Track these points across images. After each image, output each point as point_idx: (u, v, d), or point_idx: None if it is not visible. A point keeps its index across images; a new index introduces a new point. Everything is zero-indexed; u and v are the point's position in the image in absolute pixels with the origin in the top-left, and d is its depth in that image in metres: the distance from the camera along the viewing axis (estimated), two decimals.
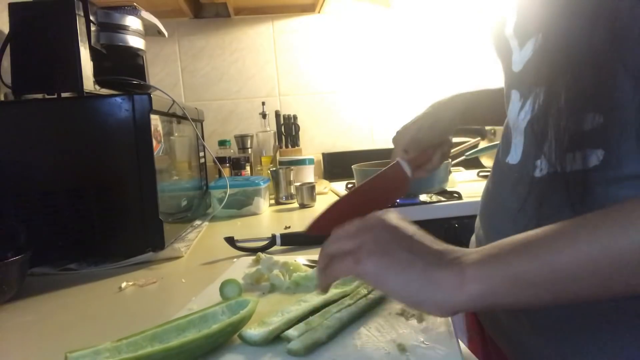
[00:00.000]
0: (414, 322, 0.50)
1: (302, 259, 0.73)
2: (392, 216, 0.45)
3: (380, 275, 0.40)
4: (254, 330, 0.47)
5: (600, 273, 0.35)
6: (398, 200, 1.27)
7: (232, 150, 1.68)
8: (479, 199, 0.64)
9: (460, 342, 0.48)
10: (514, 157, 0.53)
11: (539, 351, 0.48)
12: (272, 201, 1.47)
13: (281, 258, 0.69)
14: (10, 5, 0.87)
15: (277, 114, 1.80)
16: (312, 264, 0.71)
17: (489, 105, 0.73)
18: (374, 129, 1.96)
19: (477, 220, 0.64)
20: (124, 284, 0.72)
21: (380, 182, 0.67)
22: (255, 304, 0.51)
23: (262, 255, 0.74)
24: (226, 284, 0.59)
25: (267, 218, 1.27)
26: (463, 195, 1.26)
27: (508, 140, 0.55)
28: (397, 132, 0.76)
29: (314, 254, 0.76)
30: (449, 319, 0.50)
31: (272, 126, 1.79)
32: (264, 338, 0.46)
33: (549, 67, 0.43)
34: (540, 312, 0.47)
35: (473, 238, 0.65)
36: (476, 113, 0.76)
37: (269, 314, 0.51)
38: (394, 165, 0.69)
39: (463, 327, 0.89)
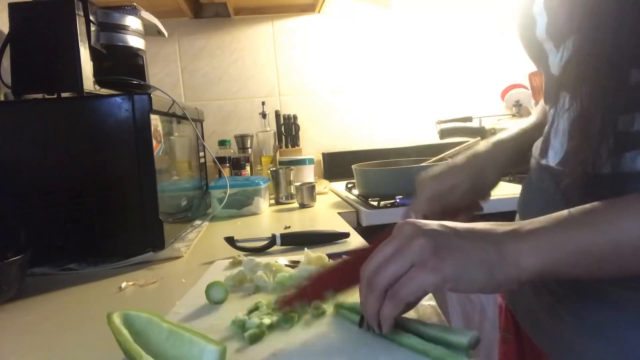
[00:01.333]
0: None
1: (283, 260, 0.73)
2: (415, 220, 0.42)
3: (462, 273, 0.38)
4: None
5: None
6: (398, 200, 1.27)
7: (232, 150, 1.68)
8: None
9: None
10: (554, 158, 0.51)
11: (584, 351, 0.47)
12: (272, 201, 1.47)
13: (263, 259, 0.69)
14: (10, 5, 0.87)
15: (277, 114, 1.80)
16: (293, 265, 0.70)
17: (528, 155, 0.63)
18: (374, 129, 1.96)
19: (518, 218, 0.62)
20: (124, 284, 0.72)
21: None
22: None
23: (242, 257, 0.74)
24: (212, 287, 0.59)
25: (267, 218, 1.27)
26: None
27: (547, 141, 0.53)
28: (425, 180, 0.65)
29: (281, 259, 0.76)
30: (440, 313, 0.50)
31: (272, 126, 1.79)
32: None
33: (583, 70, 0.41)
34: (584, 308, 0.46)
35: None
36: (520, 161, 0.67)
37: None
38: None
39: (460, 322, 0.86)
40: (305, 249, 0.73)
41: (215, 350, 0.40)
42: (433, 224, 0.42)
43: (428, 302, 0.52)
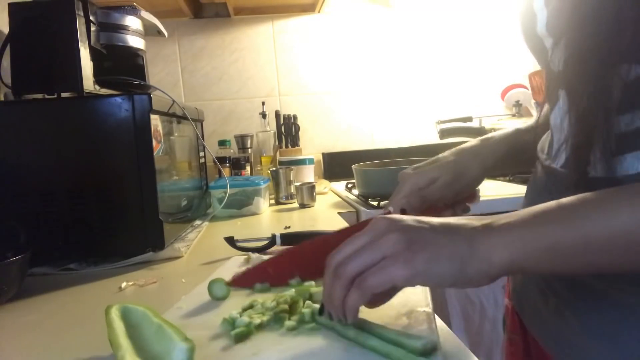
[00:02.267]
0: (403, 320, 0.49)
1: None
2: (390, 216, 0.42)
3: (433, 267, 0.38)
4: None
5: (631, 246, 0.35)
6: None
7: (232, 150, 1.68)
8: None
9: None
10: (558, 159, 0.50)
11: (589, 352, 0.46)
12: (272, 201, 1.47)
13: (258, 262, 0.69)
14: (10, 5, 0.87)
15: (277, 114, 1.80)
16: None
17: (525, 155, 0.62)
18: (374, 129, 1.96)
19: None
20: (124, 284, 0.72)
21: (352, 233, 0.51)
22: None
23: (252, 254, 0.74)
24: (214, 284, 0.60)
25: (267, 218, 1.27)
26: None
27: (550, 142, 0.53)
28: (407, 174, 0.66)
29: None
30: (434, 315, 0.49)
31: (272, 126, 1.79)
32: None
33: (578, 67, 0.41)
34: (588, 311, 0.46)
35: None
36: (508, 163, 0.66)
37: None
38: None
39: (460, 322, 0.86)
40: None
41: (184, 348, 0.40)
42: (408, 219, 0.41)
43: (423, 308, 0.52)
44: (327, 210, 1.32)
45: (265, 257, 0.70)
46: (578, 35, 0.41)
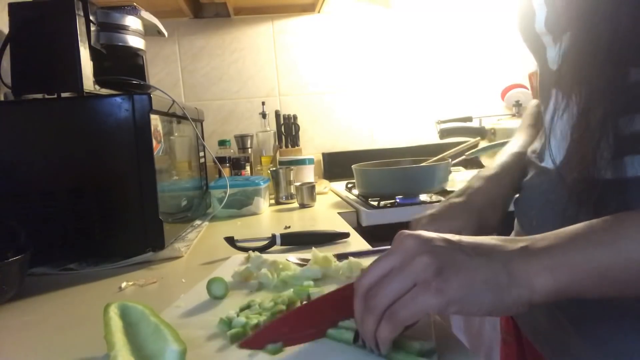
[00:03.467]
0: None
1: (292, 258, 0.74)
2: (420, 232, 0.39)
3: (468, 296, 0.35)
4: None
5: None
6: (398, 200, 1.27)
7: (232, 150, 1.68)
8: None
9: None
10: (553, 160, 0.49)
11: (582, 355, 0.46)
12: (272, 201, 1.47)
13: (271, 257, 0.69)
14: (10, 5, 0.87)
15: (277, 114, 1.80)
16: (303, 263, 0.70)
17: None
18: (374, 129, 1.96)
19: (517, 220, 0.60)
20: (124, 284, 0.72)
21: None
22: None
23: (252, 253, 0.74)
24: (212, 282, 0.60)
25: (267, 218, 1.27)
26: None
27: (543, 142, 0.52)
28: (420, 223, 0.59)
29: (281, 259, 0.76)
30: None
31: (272, 126, 1.79)
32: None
33: (580, 66, 0.40)
34: (585, 316, 0.45)
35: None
36: (516, 194, 0.62)
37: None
38: None
39: (460, 322, 0.86)
40: (313, 247, 0.74)
41: (175, 350, 0.40)
42: (437, 238, 0.38)
43: None
44: (327, 210, 1.32)
45: (264, 255, 0.70)
46: (576, 34, 0.40)
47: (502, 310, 0.36)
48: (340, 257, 0.71)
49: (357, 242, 0.90)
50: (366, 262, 0.68)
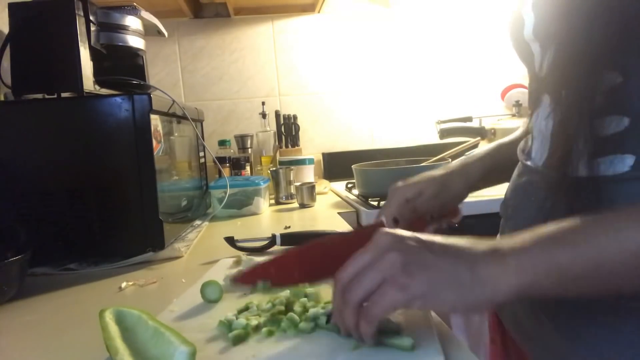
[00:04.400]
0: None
1: None
2: (395, 231, 0.42)
3: (432, 292, 0.37)
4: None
5: None
6: None
7: (232, 150, 1.68)
8: (479, 198, 0.63)
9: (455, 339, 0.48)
10: (538, 159, 0.52)
11: (561, 352, 0.47)
12: (272, 201, 1.47)
13: (262, 259, 0.68)
14: (10, 5, 0.87)
15: (277, 114, 1.80)
16: None
17: (507, 168, 0.64)
18: (374, 129, 1.96)
19: (502, 220, 0.62)
20: (124, 284, 0.72)
21: (353, 240, 0.52)
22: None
23: (243, 256, 0.74)
24: (207, 286, 0.59)
25: (267, 218, 1.27)
26: None
27: (530, 144, 0.54)
28: (396, 187, 0.68)
29: None
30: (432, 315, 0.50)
31: (272, 126, 1.79)
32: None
33: (562, 73, 0.42)
34: (561, 312, 0.47)
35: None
36: (492, 178, 0.69)
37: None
38: (376, 225, 0.61)
39: (460, 322, 0.88)
40: None
41: (185, 351, 0.40)
42: (410, 237, 0.41)
43: None
44: (327, 210, 1.32)
45: (257, 258, 0.69)
46: (568, 41, 0.43)
47: (464, 307, 0.38)
48: None
49: None
50: None
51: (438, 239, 0.41)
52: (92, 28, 0.91)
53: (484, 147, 0.71)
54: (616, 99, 0.41)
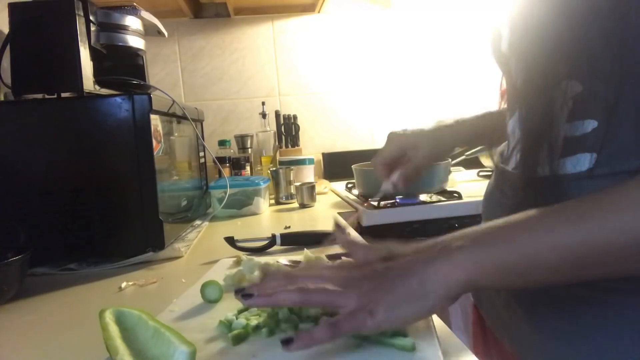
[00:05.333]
0: None
1: (284, 260, 0.73)
2: (362, 264, 0.46)
3: (393, 314, 0.40)
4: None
5: (579, 262, 0.37)
6: (398, 200, 1.27)
7: (232, 150, 1.68)
8: (479, 198, 0.65)
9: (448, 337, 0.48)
10: (510, 163, 0.55)
11: (536, 343, 0.49)
12: (272, 201, 1.47)
13: (262, 259, 0.68)
14: (10, 5, 0.87)
15: (277, 114, 1.80)
16: (294, 265, 0.70)
17: (494, 131, 0.71)
18: (374, 129, 1.96)
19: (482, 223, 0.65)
20: (124, 284, 0.72)
21: None
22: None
23: (243, 256, 0.74)
24: (207, 286, 0.59)
25: (267, 218, 1.27)
26: (463, 195, 1.26)
27: (506, 149, 0.58)
28: (394, 135, 0.76)
29: (280, 259, 0.75)
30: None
31: (272, 126, 1.79)
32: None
33: (535, 81, 0.46)
34: (537, 303, 0.49)
35: None
36: (476, 142, 0.76)
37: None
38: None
39: (460, 322, 0.90)
40: (305, 249, 0.73)
41: (185, 351, 0.40)
42: (369, 268, 0.44)
43: None
44: (327, 210, 1.33)
45: (257, 258, 0.69)
46: (528, 55, 0.47)
47: (426, 313, 0.42)
48: (332, 257, 0.71)
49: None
50: None
51: (394, 261, 0.44)
52: (92, 28, 0.91)
53: (476, 113, 0.78)
54: (579, 104, 0.44)
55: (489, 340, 0.66)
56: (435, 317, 0.53)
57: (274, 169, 1.46)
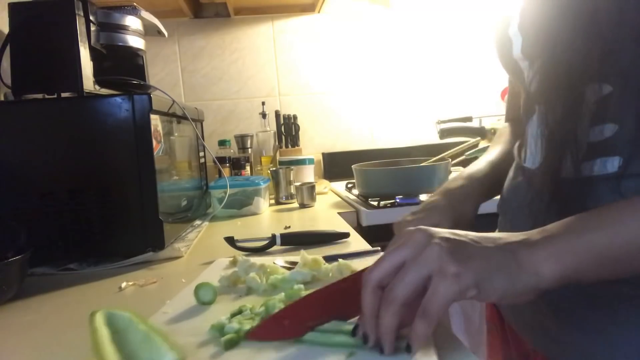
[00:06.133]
0: None
1: (280, 261, 0.72)
2: (428, 227, 0.40)
3: (484, 280, 0.36)
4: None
5: None
6: (398, 200, 1.27)
7: (232, 150, 1.68)
8: None
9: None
10: (531, 163, 0.54)
11: (564, 340, 0.48)
12: (272, 201, 1.47)
13: (258, 260, 0.68)
14: (10, 5, 0.87)
15: (277, 114, 1.80)
16: (290, 266, 0.70)
17: (500, 185, 0.65)
18: (374, 129, 1.96)
19: (500, 218, 0.64)
20: (124, 284, 0.72)
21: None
22: None
23: (239, 257, 0.73)
24: (200, 288, 0.58)
25: (267, 218, 1.27)
26: None
27: (525, 149, 0.57)
28: (403, 223, 0.62)
29: (279, 260, 0.75)
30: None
31: (272, 126, 1.79)
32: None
33: (558, 84, 0.45)
34: (562, 300, 0.48)
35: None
36: (491, 195, 0.67)
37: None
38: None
39: (460, 322, 0.88)
40: (302, 250, 0.72)
41: (172, 359, 0.39)
42: (444, 231, 0.40)
43: None
44: (327, 210, 1.32)
45: (253, 259, 0.68)
46: (553, 59, 0.46)
47: (513, 295, 0.37)
48: (329, 259, 0.71)
49: (357, 242, 0.90)
50: (355, 264, 0.68)
51: (475, 234, 0.41)
52: (92, 28, 0.91)
53: (477, 166, 0.69)
54: (604, 108, 0.43)
55: (507, 340, 0.64)
56: None
57: (274, 169, 1.46)
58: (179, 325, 0.52)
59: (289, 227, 1.07)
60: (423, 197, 1.28)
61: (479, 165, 0.69)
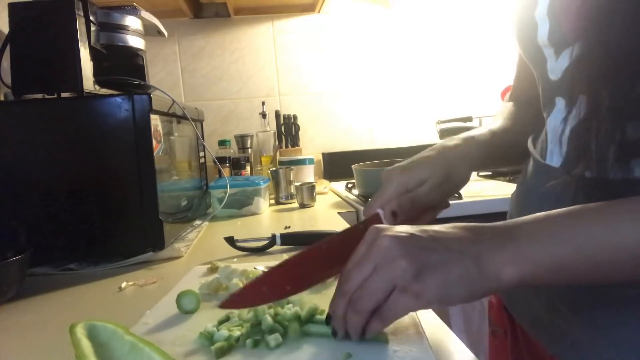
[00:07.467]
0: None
1: (261, 267, 0.71)
2: (395, 232, 0.41)
3: (443, 294, 0.38)
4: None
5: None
6: None
7: (232, 150, 1.68)
8: (479, 198, 0.62)
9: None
10: (555, 160, 0.51)
11: (584, 344, 0.47)
12: (272, 201, 1.47)
13: (239, 266, 0.67)
14: (10, 5, 0.87)
15: (277, 114, 1.80)
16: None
17: (503, 156, 0.64)
18: (374, 129, 1.96)
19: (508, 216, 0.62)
20: (124, 284, 0.72)
21: (349, 239, 0.48)
22: None
23: (219, 264, 0.72)
24: (183, 296, 0.56)
25: (267, 218, 1.27)
26: (463, 195, 1.26)
27: (545, 144, 0.54)
28: (391, 173, 0.60)
29: (278, 260, 0.74)
30: (418, 319, 0.49)
31: (272, 126, 1.79)
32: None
33: (590, 75, 0.42)
34: (582, 303, 0.47)
35: None
36: (488, 166, 0.66)
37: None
38: (372, 219, 0.55)
39: (460, 322, 0.87)
40: (284, 255, 0.69)
41: None
42: (412, 237, 0.41)
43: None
44: (327, 210, 1.32)
45: (234, 266, 0.67)
46: (587, 43, 0.42)
47: (472, 299, 0.39)
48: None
49: None
50: None
51: (441, 233, 0.41)
52: (92, 28, 0.91)
53: (476, 131, 0.65)
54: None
55: (519, 341, 0.62)
56: (435, 317, 0.53)
57: (274, 169, 1.46)
58: (162, 335, 0.50)
59: (289, 227, 1.07)
60: None
61: (481, 130, 0.66)
